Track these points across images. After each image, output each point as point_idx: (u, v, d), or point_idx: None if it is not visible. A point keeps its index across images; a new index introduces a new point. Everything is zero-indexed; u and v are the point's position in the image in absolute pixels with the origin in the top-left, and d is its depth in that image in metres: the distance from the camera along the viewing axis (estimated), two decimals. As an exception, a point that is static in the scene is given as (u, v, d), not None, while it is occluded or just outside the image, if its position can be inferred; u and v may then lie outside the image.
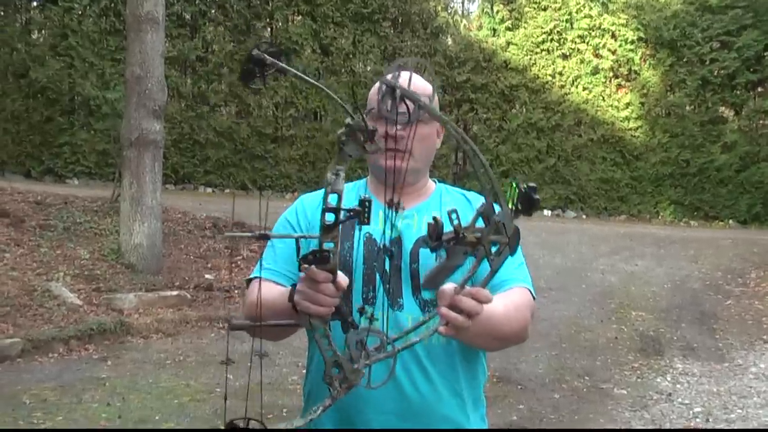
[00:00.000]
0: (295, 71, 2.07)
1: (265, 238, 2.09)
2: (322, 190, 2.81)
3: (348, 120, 2.04)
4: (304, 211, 2.72)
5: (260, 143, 22.75)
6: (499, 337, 2.45)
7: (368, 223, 2.04)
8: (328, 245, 2.06)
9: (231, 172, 22.76)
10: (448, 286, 2.11)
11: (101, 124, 20.12)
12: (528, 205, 2.07)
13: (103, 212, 14.15)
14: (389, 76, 2.01)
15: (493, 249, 2.06)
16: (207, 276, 12.45)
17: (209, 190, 22.45)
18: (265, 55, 2.03)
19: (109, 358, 9.51)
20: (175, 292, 11.77)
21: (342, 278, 2.14)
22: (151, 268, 12.31)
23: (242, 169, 22.67)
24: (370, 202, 2.03)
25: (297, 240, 2.12)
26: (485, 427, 2.73)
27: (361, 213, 2.03)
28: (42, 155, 21.38)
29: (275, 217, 2.70)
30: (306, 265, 2.12)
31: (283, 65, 2.06)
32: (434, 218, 2.03)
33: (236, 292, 12.17)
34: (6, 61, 21.19)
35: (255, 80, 2.06)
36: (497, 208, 2.05)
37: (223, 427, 2.18)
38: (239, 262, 13.52)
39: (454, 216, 2.01)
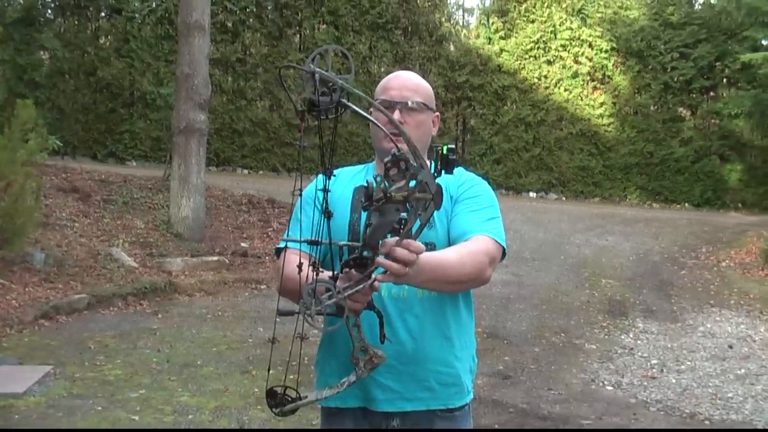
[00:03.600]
0: (354, 107, 2.07)
1: (316, 244, 2.11)
2: (339, 169, 2.84)
3: (394, 150, 2.05)
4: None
5: (289, 132, 22.72)
6: (453, 281, 2.43)
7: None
8: (367, 253, 2.09)
9: (264, 156, 22.77)
10: (390, 239, 2.09)
11: (156, 115, 20.13)
12: (446, 164, 2.11)
13: (156, 189, 14.18)
14: (309, 62, 2.00)
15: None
16: (242, 244, 12.49)
17: (245, 171, 22.45)
18: (341, 100, 2.01)
19: (159, 312, 9.57)
20: (215, 258, 11.81)
21: (376, 282, 2.15)
22: (196, 237, 12.36)
23: (273, 154, 22.67)
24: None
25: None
26: (474, 365, 2.76)
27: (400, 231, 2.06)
28: (106, 141, 21.43)
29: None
30: (347, 269, 2.14)
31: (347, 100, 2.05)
32: (366, 182, 2.04)
33: (267, 258, 12.20)
34: (78, 62, 21.24)
35: (316, 111, 2.05)
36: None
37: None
38: (270, 233, 13.54)
39: (379, 179, 2.02)
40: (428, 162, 2.75)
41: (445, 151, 2.13)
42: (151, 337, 8.39)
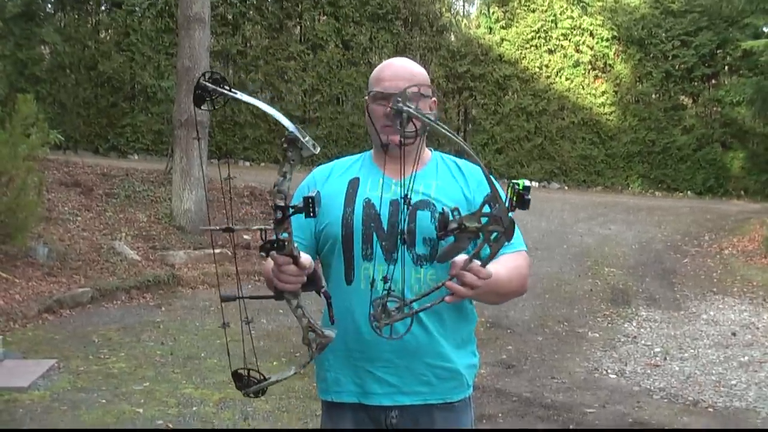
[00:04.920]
0: (234, 94, 2.14)
1: (230, 231, 2.18)
2: (334, 162, 2.84)
3: (287, 132, 2.11)
4: (314, 182, 2.73)
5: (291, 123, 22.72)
6: (503, 294, 2.55)
7: (314, 217, 2.12)
8: (283, 235, 2.12)
9: (266, 148, 22.76)
10: (459, 258, 2.19)
11: (157, 108, 20.21)
12: (521, 203, 2.15)
13: (158, 182, 14.18)
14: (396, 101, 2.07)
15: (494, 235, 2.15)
16: (245, 236, 12.49)
17: (247, 163, 22.43)
18: (208, 84, 2.08)
19: (163, 305, 9.59)
20: (218, 250, 11.82)
21: (305, 258, 2.21)
22: (198, 230, 12.36)
23: (275, 146, 22.65)
24: (312, 199, 2.10)
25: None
26: (475, 359, 2.75)
27: (306, 209, 2.10)
28: (108, 135, 21.44)
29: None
30: (263, 254, 2.18)
31: (224, 90, 2.12)
32: (442, 211, 2.12)
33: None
34: (79, 56, 21.23)
35: (206, 102, 2.12)
36: (501, 194, 2.13)
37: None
38: (271, 225, 13.52)
39: (456, 213, 2.11)
40: (430, 152, 2.76)
41: (522, 188, 2.16)
42: (154, 330, 8.41)
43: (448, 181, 2.66)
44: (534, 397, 6.84)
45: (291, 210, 2.11)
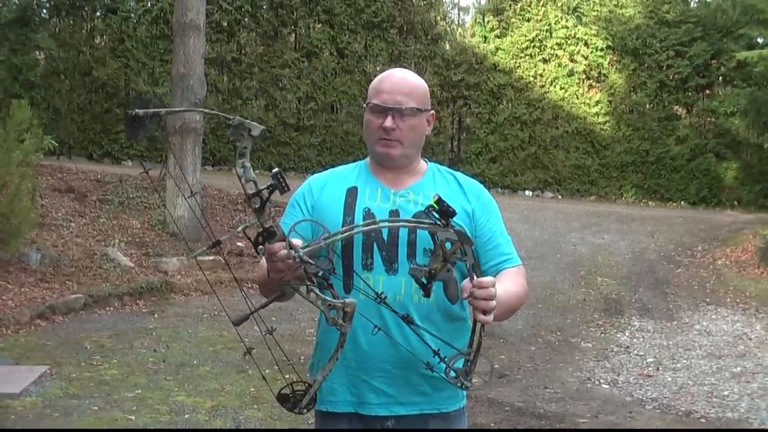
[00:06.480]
0: (167, 109, 2.15)
1: (218, 244, 2.19)
2: (329, 171, 2.85)
3: (230, 122, 2.12)
4: (310, 191, 2.73)
5: (285, 132, 22.68)
6: (515, 309, 2.64)
7: (288, 190, 2.20)
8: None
9: (260, 155, 22.70)
10: (465, 283, 2.29)
11: (152, 115, 20.13)
12: (447, 214, 2.26)
13: (152, 189, 14.16)
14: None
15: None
16: (239, 244, 12.47)
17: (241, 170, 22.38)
18: (138, 111, 2.07)
19: (155, 311, 9.58)
20: (211, 257, 11.77)
21: (297, 242, 2.26)
22: (192, 237, 12.37)
23: (269, 153, 22.60)
24: (281, 172, 2.16)
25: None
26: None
27: (278, 185, 2.10)
28: (102, 141, 21.37)
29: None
30: (261, 247, 2.18)
31: (157, 109, 2.12)
32: (411, 271, 2.34)
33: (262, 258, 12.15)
34: (73, 62, 21.16)
35: (140, 133, 2.10)
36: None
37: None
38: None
39: (421, 269, 2.33)
40: (425, 163, 2.78)
41: (436, 204, 2.26)
42: (147, 337, 8.40)
43: (446, 193, 2.64)
44: (526, 406, 6.85)
45: (266, 191, 2.11)
